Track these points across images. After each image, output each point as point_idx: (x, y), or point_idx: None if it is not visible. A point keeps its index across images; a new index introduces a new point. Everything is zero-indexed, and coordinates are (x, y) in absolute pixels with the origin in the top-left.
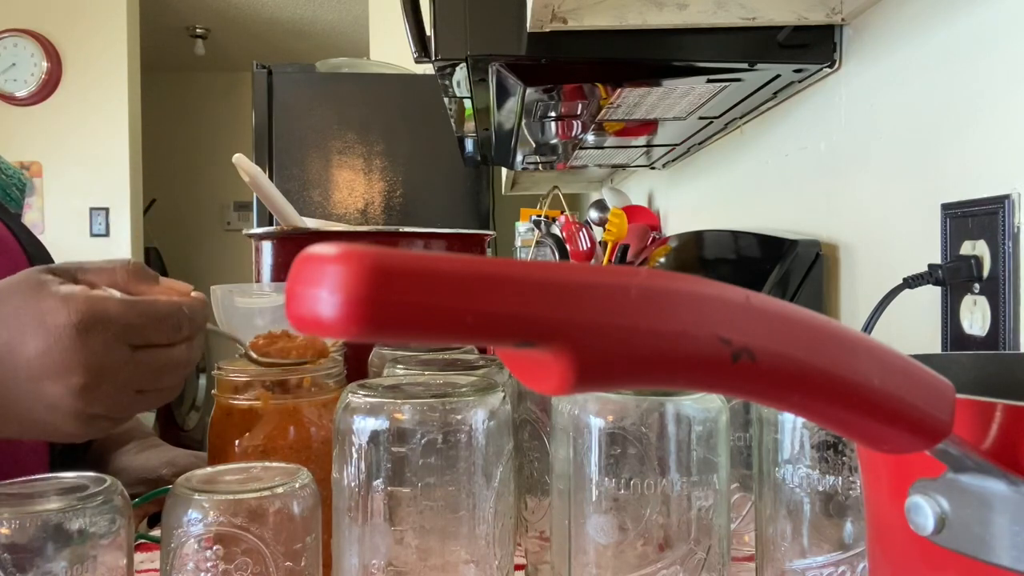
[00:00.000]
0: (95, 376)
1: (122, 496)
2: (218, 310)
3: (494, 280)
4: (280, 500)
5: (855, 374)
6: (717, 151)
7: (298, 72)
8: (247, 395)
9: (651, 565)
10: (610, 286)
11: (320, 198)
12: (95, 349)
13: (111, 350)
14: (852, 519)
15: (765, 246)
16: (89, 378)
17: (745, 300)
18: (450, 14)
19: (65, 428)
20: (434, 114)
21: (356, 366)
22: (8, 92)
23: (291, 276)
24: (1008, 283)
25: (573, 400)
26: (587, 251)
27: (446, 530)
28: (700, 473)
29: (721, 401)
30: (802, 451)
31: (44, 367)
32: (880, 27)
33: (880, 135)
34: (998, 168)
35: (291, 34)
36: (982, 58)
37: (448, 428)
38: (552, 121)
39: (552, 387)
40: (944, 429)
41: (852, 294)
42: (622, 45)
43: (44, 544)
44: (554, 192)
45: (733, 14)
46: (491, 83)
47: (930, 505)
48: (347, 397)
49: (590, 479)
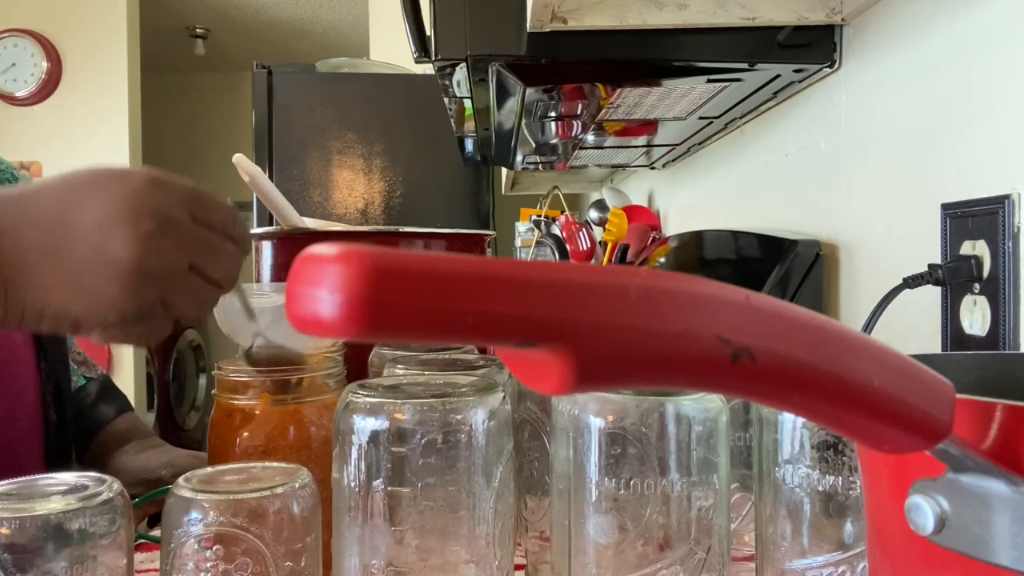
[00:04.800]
0: (159, 225)
1: (122, 496)
2: (218, 310)
3: (494, 280)
4: (280, 500)
5: (855, 374)
6: (717, 151)
7: (298, 72)
8: (247, 395)
9: (651, 565)
10: (610, 286)
11: (320, 198)
12: (160, 203)
13: (174, 209)
14: (852, 519)
15: (765, 246)
16: (152, 225)
17: (745, 300)
18: (450, 14)
19: (112, 292)
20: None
21: (356, 366)
22: (8, 92)
23: (291, 276)
24: (1008, 283)
25: (573, 400)
26: (587, 251)
27: (446, 530)
28: (700, 473)
29: (721, 401)
30: (802, 451)
31: (111, 213)
32: (880, 27)
33: (880, 135)
34: (998, 168)
35: (291, 34)
36: (982, 58)
37: (448, 428)
38: (552, 121)
39: (552, 387)
40: (944, 429)
41: (852, 294)
42: (622, 45)
43: (44, 544)
44: (554, 192)
45: (733, 14)
46: (491, 83)
47: (930, 505)
48: (347, 397)
49: (590, 479)
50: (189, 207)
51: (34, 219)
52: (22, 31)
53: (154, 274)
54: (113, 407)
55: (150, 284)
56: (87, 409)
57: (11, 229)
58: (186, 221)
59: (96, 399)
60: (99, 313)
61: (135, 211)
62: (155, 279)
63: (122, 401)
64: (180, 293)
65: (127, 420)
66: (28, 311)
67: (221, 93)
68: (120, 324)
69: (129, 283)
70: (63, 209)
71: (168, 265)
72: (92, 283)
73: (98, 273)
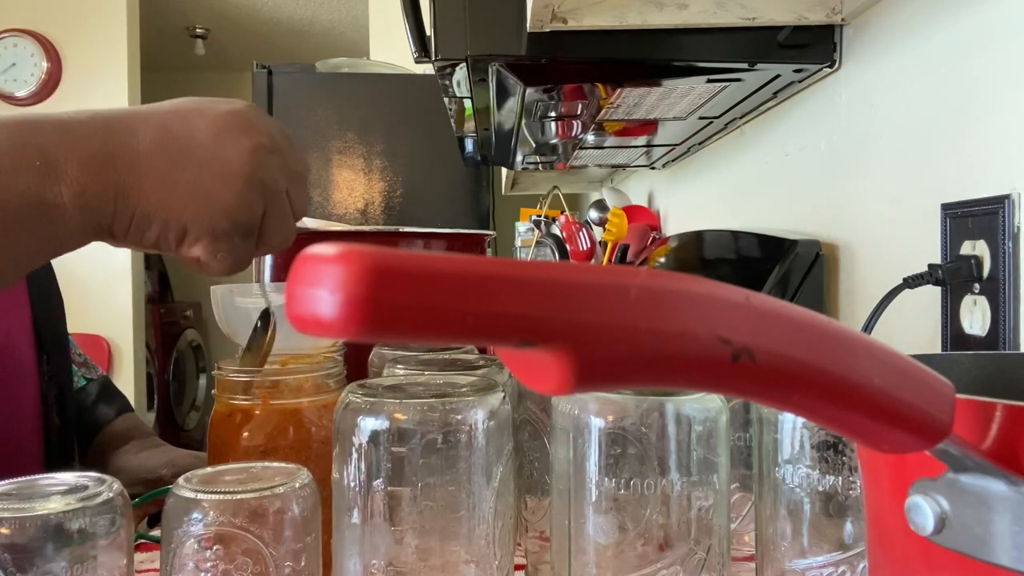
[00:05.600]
0: (270, 141)
1: (122, 496)
2: (218, 310)
3: (494, 280)
4: (280, 500)
5: (855, 374)
6: (717, 151)
7: (298, 72)
8: (247, 395)
9: (651, 565)
10: (610, 286)
11: (320, 198)
12: (268, 125)
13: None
14: (852, 519)
15: (765, 246)
16: (265, 140)
17: (745, 300)
18: (450, 14)
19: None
20: (434, 114)
21: (356, 366)
22: (8, 92)
23: (291, 276)
24: (1008, 283)
25: (573, 400)
26: (587, 251)
27: (446, 530)
28: (700, 473)
29: (721, 401)
30: (802, 451)
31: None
32: (880, 27)
33: (880, 135)
34: (998, 168)
35: (291, 34)
36: (982, 58)
37: (448, 428)
38: (552, 121)
39: (552, 387)
40: (944, 429)
41: (852, 294)
42: (622, 45)
43: (44, 544)
44: (554, 192)
45: (733, 14)
46: (491, 83)
47: (930, 505)
48: (347, 397)
49: (590, 479)
50: (287, 140)
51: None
52: (22, 31)
53: (264, 186)
54: (113, 407)
55: (259, 196)
56: (87, 410)
57: (124, 130)
58: (288, 147)
59: (96, 400)
60: (212, 219)
61: (250, 126)
62: (264, 192)
63: (122, 401)
64: (279, 214)
65: (127, 420)
66: (139, 215)
67: (221, 93)
68: (228, 235)
69: (243, 190)
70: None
71: (275, 180)
72: (210, 186)
73: (216, 178)
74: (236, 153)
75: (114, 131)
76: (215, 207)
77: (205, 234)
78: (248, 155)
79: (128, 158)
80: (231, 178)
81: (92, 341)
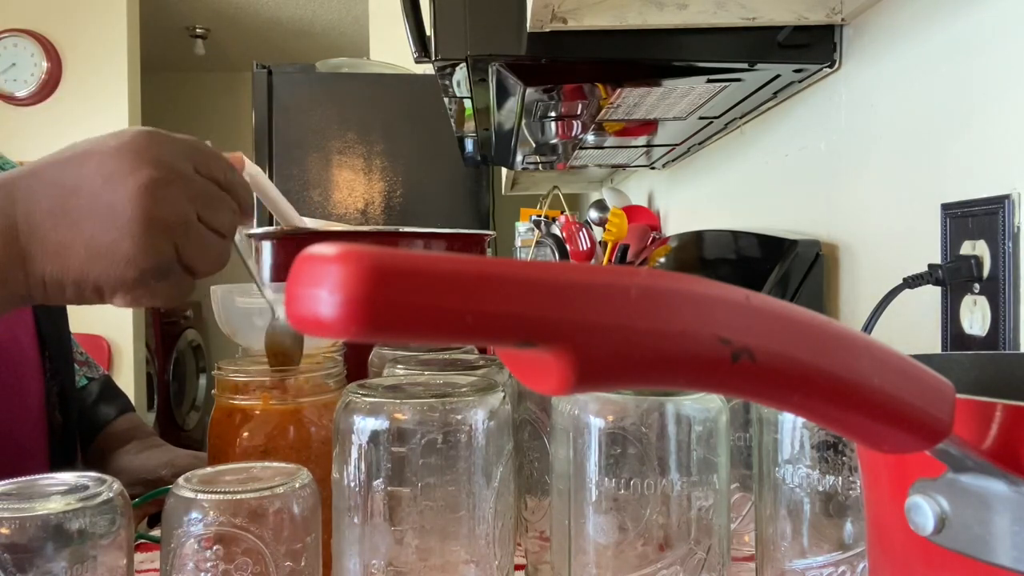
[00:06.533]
0: (163, 173)
1: (122, 496)
2: (218, 310)
3: (494, 280)
4: (280, 500)
5: (855, 374)
6: (717, 151)
7: (298, 72)
8: (247, 395)
9: (651, 565)
10: (610, 286)
11: (320, 198)
12: (161, 153)
13: (177, 159)
14: (852, 519)
15: (765, 246)
16: (156, 174)
17: (745, 300)
18: (450, 14)
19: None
20: (434, 114)
21: (356, 366)
22: (8, 92)
23: (291, 276)
24: (1008, 283)
25: (573, 400)
26: (587, 251)
27: (446, 530)
28: (700, 473)
29: (721, 401)
30: (802, 451)
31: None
32: (880, 27)
33: (880, 135)
34: (998, 168)
35: (291, 34)
36: (982, 58)
37: (448, 428)
38: (552, 121)
39: (552, 387)
40: (944, 429)
41: (852, 294)
42: (622, 45)
43: (44, 544)
44: (554, 192)
45: (733, 14)
46: (491, 83)
47: (930, 505)
48: (347, 397)
49: (590, 479)
50: (191, 158)
51: (45, 186)
52: (22, 31)
53: (166, 224)
54: (114, 407)
55: (163, 235)
56: (88, 409)
57: (23, 197)
58: (190, 171)
59: (97, 399)
60: (118, 273)
61: (137, 161)
62: (167, 230)
63: (123, 401)
64: (194, 245)
65: (128, 420)
66: (49, 280)
67: (221, 93)
68: (141, 282)
69: (142, 235)
70: (70, 173)
71: (178, 214)
72: (107, 241)
73: (111, 229)
74: (126, 197)
75: (15, 199)
76: (117, 260)
77: (118, 287)
78: (139, 197)
79: (29, 225)
80: (127, 226)
81: (92, 341)
